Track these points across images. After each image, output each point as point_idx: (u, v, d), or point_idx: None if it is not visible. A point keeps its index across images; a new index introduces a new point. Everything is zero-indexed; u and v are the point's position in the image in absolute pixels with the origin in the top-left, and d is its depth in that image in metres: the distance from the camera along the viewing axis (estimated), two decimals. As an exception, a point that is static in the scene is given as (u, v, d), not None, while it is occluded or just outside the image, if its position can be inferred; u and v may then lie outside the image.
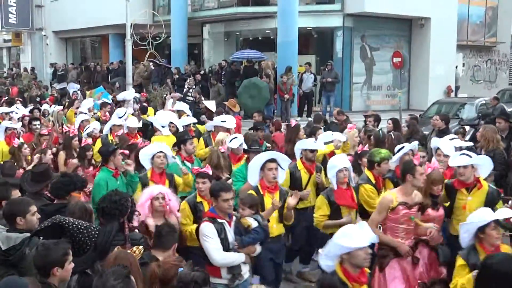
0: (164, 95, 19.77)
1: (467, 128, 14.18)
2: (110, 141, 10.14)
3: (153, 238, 5.32)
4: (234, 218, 6.00)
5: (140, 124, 11.67)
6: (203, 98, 17.94)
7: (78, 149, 9.47)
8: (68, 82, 26.23)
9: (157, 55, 24.00)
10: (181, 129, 10.97)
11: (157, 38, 23.41)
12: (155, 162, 7.67)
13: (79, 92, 19.93)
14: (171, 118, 11.53)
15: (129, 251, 4.58)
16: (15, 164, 8.53)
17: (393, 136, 10.02)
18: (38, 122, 11.32)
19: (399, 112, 18.12)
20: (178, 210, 6.56)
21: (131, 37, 21.09)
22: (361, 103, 24.02)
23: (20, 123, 11.82)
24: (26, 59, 35.68)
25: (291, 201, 6.76)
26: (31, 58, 35.01)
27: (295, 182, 8.00)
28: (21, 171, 7.94)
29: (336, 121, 12.91)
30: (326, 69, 20.86)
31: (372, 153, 7.73)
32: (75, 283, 4.43)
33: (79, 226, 4.50)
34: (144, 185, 7.28)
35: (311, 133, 10.03)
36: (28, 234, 4.67)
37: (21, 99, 18.71)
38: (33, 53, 34.93)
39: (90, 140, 9.83)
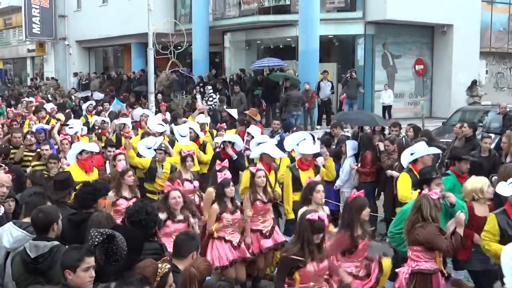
0: (186, 103, 19.91)
1: (492, 135, 14.00)
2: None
3: (173, 248, 5.26)
4: None
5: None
6: (225, 106, 17.97)
7: None
8: (92, 91, 26.55)
9: (179, 64, 24.13)
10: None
11: (179, 47, 23.53)
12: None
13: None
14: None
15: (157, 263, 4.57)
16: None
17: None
18: (113, 149, 9.92)
19: (421, 120, 17.97)
20: None
21: (153, 46, 21.23)
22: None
23: (97, 146, 9.86)
24: (49, 68, 36.21)
25: None
26: (55, 67, 35.55)
27: None
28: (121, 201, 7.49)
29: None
30: (348, 77, 20.68)
31: None
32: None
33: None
34: None
35: None
36: (56, 242, 4.70)
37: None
38: (57, 62, 35.44)
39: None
